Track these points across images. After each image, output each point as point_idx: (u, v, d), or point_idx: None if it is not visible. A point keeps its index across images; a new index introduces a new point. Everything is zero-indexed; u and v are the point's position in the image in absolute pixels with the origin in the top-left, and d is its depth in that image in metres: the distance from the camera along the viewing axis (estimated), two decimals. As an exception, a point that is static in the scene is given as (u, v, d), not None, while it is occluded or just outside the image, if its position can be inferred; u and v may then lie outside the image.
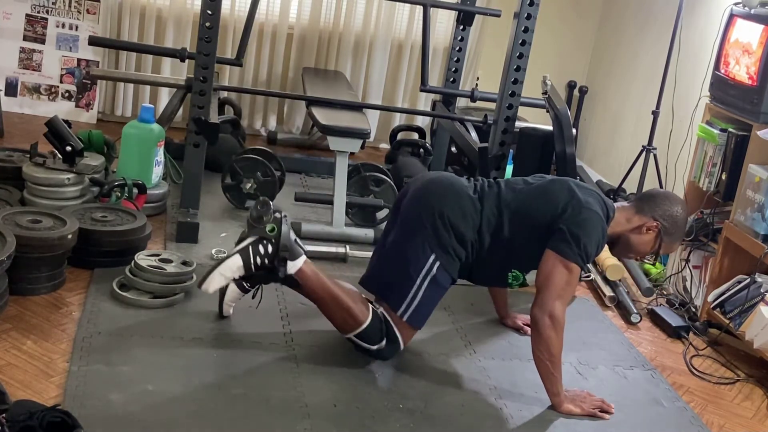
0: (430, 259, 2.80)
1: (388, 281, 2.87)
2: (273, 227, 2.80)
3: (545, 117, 4.11)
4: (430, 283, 2.81)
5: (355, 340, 2.85)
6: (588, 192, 2.87)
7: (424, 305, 2.83)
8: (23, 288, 2.96)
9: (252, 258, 2.81)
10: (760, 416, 3.07)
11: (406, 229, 2.86)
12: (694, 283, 3.84)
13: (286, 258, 2.80)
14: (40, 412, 2.08)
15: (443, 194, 2.86)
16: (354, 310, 2.80)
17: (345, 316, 2.82)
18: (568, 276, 2.72)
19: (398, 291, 2.82)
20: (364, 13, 5.51)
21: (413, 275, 2.80)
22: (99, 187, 3.67)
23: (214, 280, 2.81)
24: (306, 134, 5.54)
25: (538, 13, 3.80)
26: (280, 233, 2.80)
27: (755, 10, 3.58)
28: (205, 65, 3.65)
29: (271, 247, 2.80)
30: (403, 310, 2.81)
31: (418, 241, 2.81)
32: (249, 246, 2.81)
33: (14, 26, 5.04)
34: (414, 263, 2.81)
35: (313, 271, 2.85)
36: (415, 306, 2.81)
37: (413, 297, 2.80)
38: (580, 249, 2.73)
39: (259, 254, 2.81)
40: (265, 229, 2.80)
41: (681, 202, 2.96)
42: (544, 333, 2.70)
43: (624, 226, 2.92)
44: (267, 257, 2.81)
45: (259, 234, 2.81)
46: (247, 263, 2.81)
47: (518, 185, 2.93)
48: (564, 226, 2.75)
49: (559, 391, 2.78)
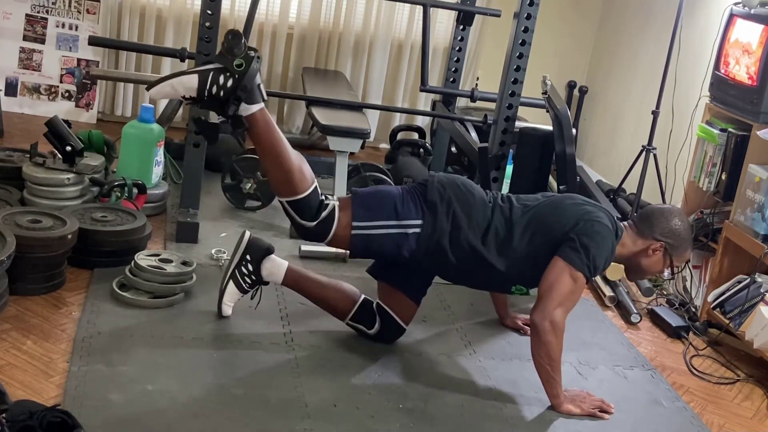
0: (417, 221, 2.78)
1: (371, 198, 2.84)
2: (241, 63, 2.68)
3: (545, 117, 4.11)
4: (397, 235, 2.78)
5: (286, 206, 2.78)
6: (599, 208, 2.88)
7: (374, 241, 2.79)
8: (23, 288, 2.96)
9: (208, 84, 2.67)
10: (760, 416, 3.07)
11: (419, 187, 2.86)
12: (694, 283, 3.84)
13: (240, 98, 2.67)
14: (40, 412, 2.07)
15: (459, 191, 2.85)
16: (293, 176, 2.72)
17: (284, 178, 2.74)
18: (572, 285, 2.72)
19: (371, 211, 2.79)
20: (364, 13, 5.51)
21: (394, 215, 2.78)
22: (99, 187, 3.67)
23: (165, 88, 2.68)
24: (306, 134, 5.54)
25: (538, 13, 3.79)
26: (247, 71, 2.66)
27: (755, 10, 3.58)
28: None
29: (232, 81, 2.66)
30: (359, 226, 2.77)
31: (420, 202, 2.80)
32: (211, 71, 2.67)
33: (14, 26, 5.03)
34: (404, 209, 2.79)
35: (265, 122, 2.72)
36: (368, 233, 2.78)
37: (375, 227, 2.77)
38: (588, 260, 2.72)
39: (217, 83, 2.66)
40: (233, 61, 2.66)
41: (677, 213, 2.96)
42: (544, 338, 2.69)
43: (630, 249, 2.92)
44: (223, 89, 2.66)
45: (225, 63, 2.67)
46: (202, 87, 2.67)
47: (530, 201, 2.93)
48: (575, 236, 2.75)
49: (559, 393, 2.78)
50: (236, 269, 2.96)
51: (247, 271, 2.96)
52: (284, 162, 2.73)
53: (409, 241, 2.79)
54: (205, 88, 2.68)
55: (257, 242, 2.99)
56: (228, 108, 2.68)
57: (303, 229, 2.80)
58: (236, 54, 2.68)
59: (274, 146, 2.74)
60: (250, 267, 2.95)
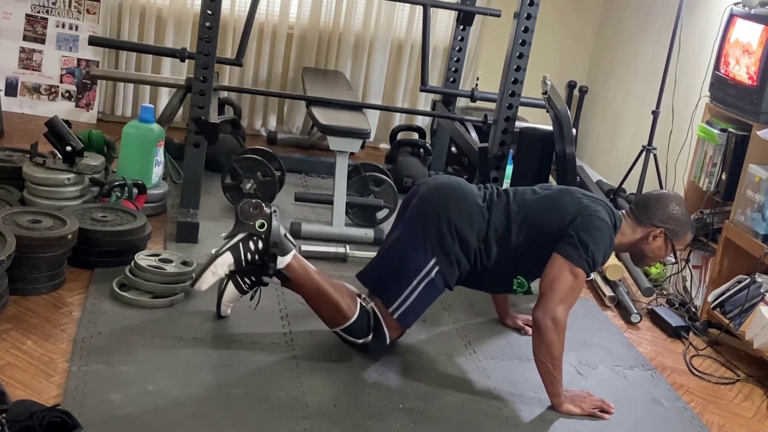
0: (431, 263, 2.80)
1: (384, 277, 2.87)
2: (263, 223, 2.81)
3: (545, 117, 4.11)
4: (426, 286, 2.81)
5: (342, 333, 2.86)
6: (596, 201, 2.87)
7: (416, 306, 2.84)
8: (23, 288, 2.96)
9: (243, 254, 2.82)
10: (760, 416, 3.07)
11: (411, 229, 2.86)
12: (694, 283, 3.84)
13: (276, 254, 2.81)
14: (40, 412, 2.07)
15: (452, 199, 2.86)
16: (341, 306, 2.81)
17: (332, 311, 2.83)
18: (573, 281, 2.72)
19: (393, 288, 2.83)
20: (364, 13, 5.51)
21: (411, 275, 2.80)
22: (99, 187, 3.67)
23: (207, 278, 2.82)
24: (306, 134, 5.54)
25: (538, 13, 3.79)
26: (270, 229, 2.81)
27: (755, 10, 3.58)
28: (205, 65, 3.64)
29: (262, 243, 2.82)
30: (395, 307, 2.82)
31: (421, 243, 2.81)
32: (239, 242, 2.82)
33: (14, 26, 5.04)
34: (414, 264, 2.81)
35: (301, 266, 2.86)
36: (407, 306, 2.82)
37: (407, 297, 2.81)
38: (587, 255, 2.72)
39: (250, 251, 2.82)
40: (255, 225, 2.81)
41: (674, 198, 2.96)
42: (546, 336, 2.69)
43: (630, 237, 2.92)
44: (257, 253, 2.82)
45: (249, 230, 2.82)
46: (238, 260, 2.82)
47: (527, 195, 2.93)
48: (573, 231, 2.75)
49: (560, 393, 2.78)
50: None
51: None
52: (330, 296, 2.83)
53: (439, 281, 2.83)
54: (241, 259, 2.83)
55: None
56: (269, 267, 2.82)
57: (364, 346, 2.88)
58: (255, 217, 2.81)
59: (316, 286, 2.85)
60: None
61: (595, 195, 2.98)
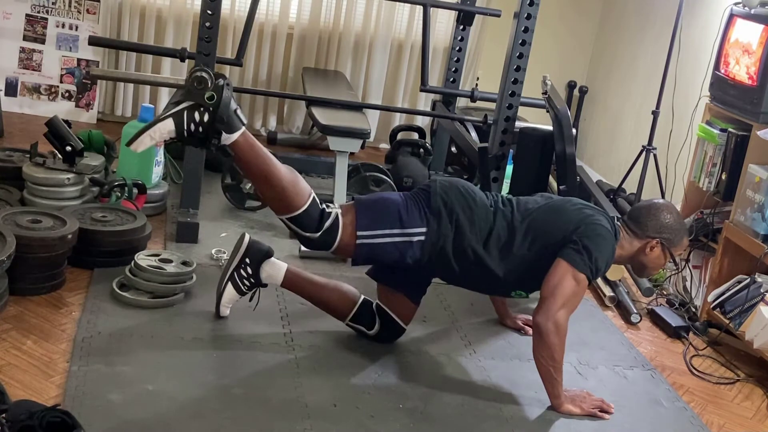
0: (421, 228, 2.78)
1: (376, 207, 2.82)
2: (212, 95, 2.66)
3: (545, 117, 4.11)
4: (402, 243, 2.78)
5: (287, 222, 2.78)
6: (599, 212, 2.89)
7: (381, 249, 2.78)
8: (23, 288, 2.96)
9: (185, 124, 2.66)
10: (760, 416, 3.07)
11: (421, 193, 2.86)
12: (694, 283, 3.84)
13: (220, 130, 2.66)
14: (40, 412, 2.07)
15: (461, 196, 2.85)
16: (288, 193, 2.72)
17: (279, 197, 2.74)
18: (575, 286, 2.72)
19: (376, 221, 2.78)
20: (364, 13, 5.51)
21: (398, 224, 2.77)
22: (99, 187, 3.67)
23: (144, 141, 2.67)
24: (306, 134, 5.54)
25: (538, 13, 3.79)
26: (220, 102, 2.65)
27: (755, 10, 3.58)
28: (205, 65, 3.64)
29: (208, 115, 2.65)
30: (364, 235, 2.76)
31: (424, 209, 2.80)
32: (184, 111, 2.66)
33: (14, 26, 5.03)
34: (409, 217, 2.78)
35: (249, 146, 2.71)
36: (374, 242, 2.77)
37: (381, 236, 2.77)
38: (591, 261, 2.73)
39: (194, 121, 2.66)
40: (203, 95, 2.65)
41: (665, 207, 2.97)
42: (547, 340, 2.69)
43: (629, 250, 2.93)
44: (201, 125, 2.66)
45: (197, 100, 2.65)
46: (180, 128, 2.66)
47: (530, 205, 2.92)
48: (577, 238, 2.76)
49: (560, 394, 2.78)
50: (235, 271, 2.96)
51: (246, 273, 2.95)
52: (276, 181, 2.73)
53: (413, 249, 2.79)
54: (183, 129, 2.68)
55: (256, 245, 2.98)
56: (210, 142, 2.68)
57: (307, 240, 2.79)
58: (206, 87, 2.66)
59: (263, 168, 2.73)
60: (249, 270, 2.95)
61: (598, 207, 3.00)
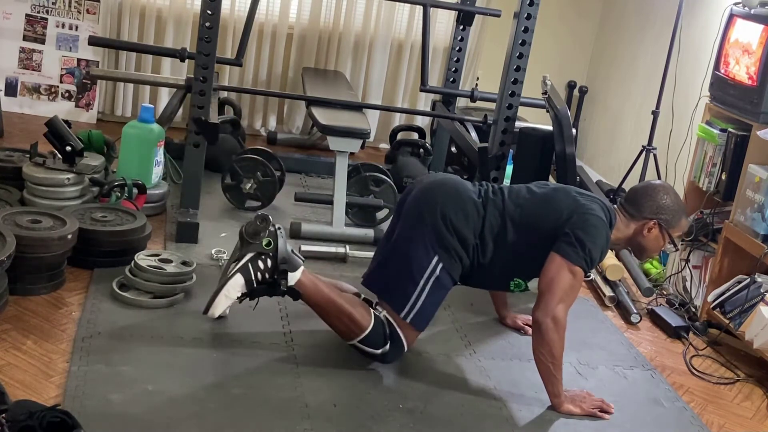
0: (433, 261, 2.80)
1: (390, 283, 2.85)
2: (269, 241, 2.78)
3: (545, 117, 4.11)
4: (433, 285, 2.80)
5: (359, 345, 2.83)
6: (591, 199, 2.87)
7: (428, 307, 2.82)
8: (23, 288, 2.96)
9: (253, 274, 2.78)
10: (760, 416, 3.07)
11: (408, 230, 2.85)
12: (694, 283, 3.84)
13: (286, 270, 2.79)
14: (40, 412, 2.07)
15: (446, 196, 2.85)
16: (355, 316, 2.79)
17: (347, 323, 2.80)
18: (572, 280, 2.72)
19: (401, 293, 2.81)
20: (364, 13, 5.51)
21: (416, 277, 2.80)
22: (99, 187, 3.67)
23: (220, 302, 2.78)
24: (306, 134, 5.54)
25: (538, 13, 3.79)
26: (278, 247, 2.78)
27: (755, 10, 3.58)
28: (205, 65, 3.65)
29: (270, 261, 2.79)
30: (407, 312, 2.80)
31: (421, 242, 2.80)
32: (248, 263, 2.78)
33: (14, 26, 5.03)
34: (417, 265, 2.80)
35: (311, 281, 2.83)
36: (418, 308, 2.80)
37: (416, 299, 2.80)
38: (585, 253, 2.73)
39: (260, 270, 2.79)
40: (261, 244, 2.78)
41: (662, 187, 2.96)
42: (546, 336, 2.69)
43: (625, 232, 2.93)
44: (267, 272, 2.79)
45: (257, 249, 2.79)
46: (249, 280, 2.78)
47: (522, 193, 2.93)
48: (569, 230, 2.75)
49: (560, 392, 2.78)
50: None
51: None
52: (343, 308, 2.80)
53: (445, 278, 2.82)
54: (252, 279, 2.78)
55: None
56: (279, 285, 2.79)
57: (383, 357, 2.85)
58: (262, 236, 2.78)
59: (328, 299, 2.82)
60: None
61: (590, 193, 2.99)
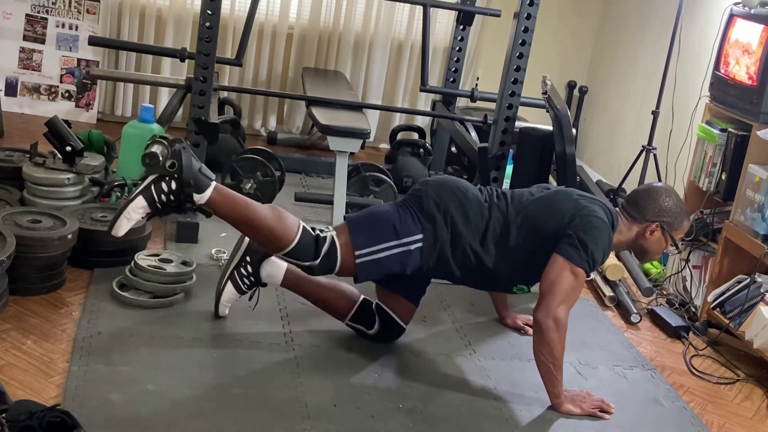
0: (418, 236, 2.79)
1: (368, 223, 2.83)
2: (173, 162, 2.69)
3: (545, 117, 4.11)
4: (401, 253, 2.78)
5: (284, 258, 2.79)
6: (593, 201, 2.88)
7: (382, 265, 2.79)
8: (23, 288, 2.96)
9: (156, 195, 2.70)
10: (760, 416, 3.07)
11: (410, 201, 2.86)
12: (694, 283, 3.84)
13: (191, 192, 2.69)
14: (40, 412, 2.07)
15: (453, 195, 2.86)
16: (276, 231, 2.72)
17: (268, 237, 2.74)
18: (574, 281, 2.72)
19: (371, 237, 2.78)
20: (364, 13, 5.51)
21: (394, 236, 2.78)
22: (99, 187, 3.67)
23: (122, 224, 2.70)
24: (306, 134, 5.54)
25: (538, 13, 3.80)
26: (182, 167, 2.69)
27: (755, 10, 3.58)
28: (205, 65, 3.65)
29: (175, 183, 2.69)
30: (363, 254, 2.77)
31: (416, 215, 2.81)
32: (151, 185, 2.70)
33: (14, 26, 5.04)
34: (402, 227, 2.79)
35: (224, 197, 2.73)
36: (374, 259, 2.77)
37: (379, 251, 2.77)
38: (587, 255, 2.73)
39: (163, 192, 2.70)
40: (165, 165, 2.69)
41: (664, 190, 2.96)
42: (547, 337, 2.69)
43: (628, 235, 2.93)
44: (171, 194, 2.70)
45: (159, 171, 2.69)
46: (151, 201, 2.70)
47: (524, 197, 2.93)
48: (572, 231, 2.75)
49: (560, 393, 2.78)
50: (235, 270, 2.96)
51: (246, 272, 2.95)
52: (260, 222, 2.73)
53: (413, 257, 2.80)
54: (155, 201, 2.71)
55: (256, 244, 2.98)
56: (185, 206, 2.72)
57: (309, 269, 2.80)
58: (164, 158, 2.70)
59: (243, 214, 2.74)
60: (249, 268, 2.95)
61: (592, 195, 2.99)
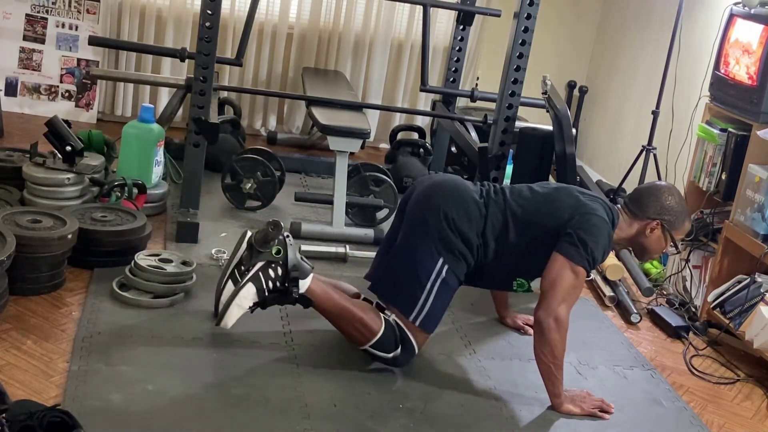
0: (439, 263, 2.80)
1: (397, 286, 2.85)
2: (279, 249, 2.78)
3: (545, 117, 4.11)
4: (440, 287, 2.81)
5: (371, 350, 2.82)
6: (593, 198, 2.88)
7: (436, 309, 2.82)
8: (23, 288, 2.96)
9: (264, 283, 2.78)
10: (760, 416, 3.07)
11: (412, 232, 2.85)
12: (694, 283, 3.84)
13: (297, 278, 2.78)
14: (40, 412, 2.08)
15: (448, 197, 2.85)
16: (366, 321, 2.79)
17: (359, 328, 2.80)
18: (574, 280, 2.72)
19: (409, 296, 2.81)
20: (364, 13, 5.51)
21: (423, 279, 2.79)
22: (99, 187, 3.67)
23: (233, 313, 2.77)
24: (306, 134, 5.54)
25: (537, 13, 3.80)
26: (287, 254, 2.78)
27: (755, 10, 3.58)
28: (205, 65, 3.65)
29: (281, 269, 2.78)
30: (415, 315, 2.80)
31: (425, 245, 2.80)
32: (259, 271, 2.78)
33: (14, 26, 5.03)
34: (423, 267, 2.80)
35: (321, 287, 2.83)
36: (426, 310, 2.80)
37: (424, 301, 2.80)
38: (587, 253, 2.73)
39: (270, 278, 2.78)
40: (271, 252, 2.78)
41: (667, 189, 2.95)
42: (548, 336, 2.69)
43: (628, 232, 2.93)
44: (278, 280, 2.79)
45: (267, 258, 2.78)
46: (261, 289, 2.78)
47: (524, 192, 2.93)
48: (572, 230, 2.76)
49: (560, 392, 2.78)
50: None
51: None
52: (354, 314, 2.80)
53: (452, 280, 2.82)
54: (264, 288, 2.78)
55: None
56: (290, 293, 2.78)
57: (394, 360, 2.83)
58: (271, 244, 2.77)
59: (339, 306, 2.82)
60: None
61: (593, 193, 2.99)
